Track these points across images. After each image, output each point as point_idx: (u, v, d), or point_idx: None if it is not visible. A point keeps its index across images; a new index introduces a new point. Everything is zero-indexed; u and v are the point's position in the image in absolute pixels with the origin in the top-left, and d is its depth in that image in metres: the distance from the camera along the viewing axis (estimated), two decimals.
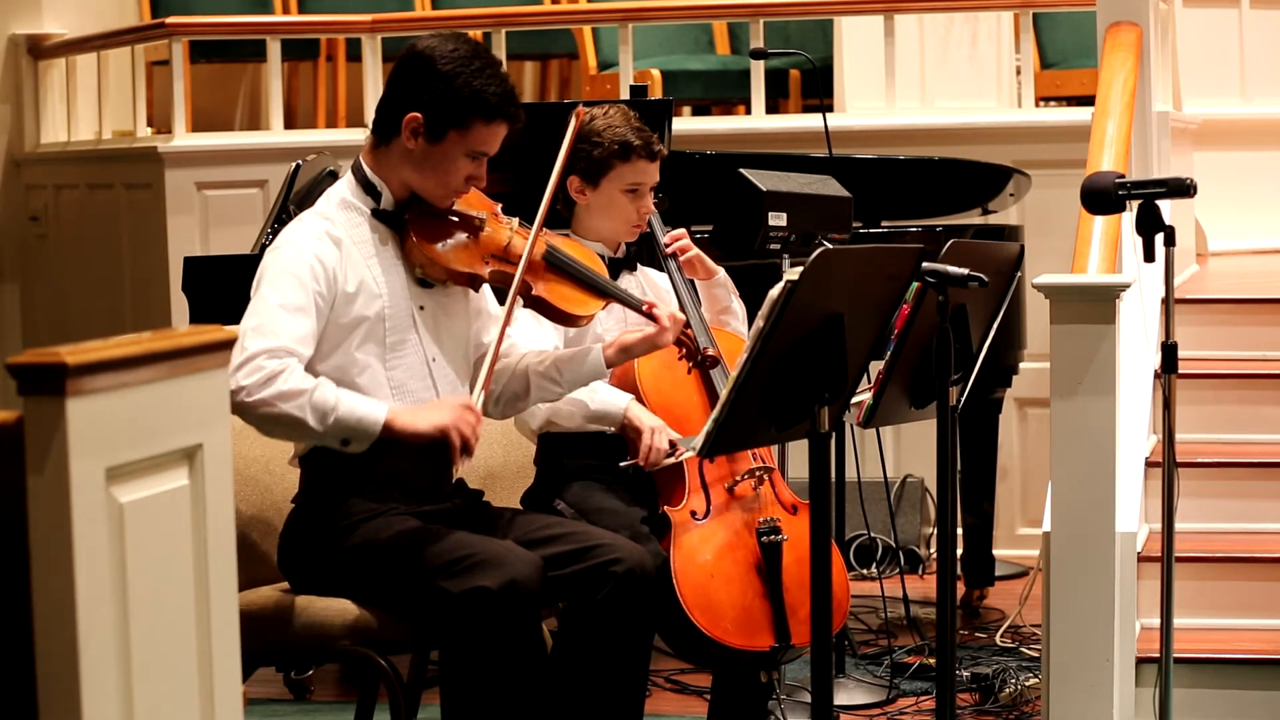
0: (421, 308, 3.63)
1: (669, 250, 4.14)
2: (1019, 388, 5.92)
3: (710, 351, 3.80)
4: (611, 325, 3.98)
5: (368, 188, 3.62)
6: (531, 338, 3.86)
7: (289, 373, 3.40)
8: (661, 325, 3.69)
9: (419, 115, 3.56)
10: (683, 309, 4.02)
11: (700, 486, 3.91)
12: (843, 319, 3.28)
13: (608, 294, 3.72)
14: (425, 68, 3.58)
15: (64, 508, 2.15)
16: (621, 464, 3.90)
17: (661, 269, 4.18)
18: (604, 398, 3.92)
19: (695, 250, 4.15)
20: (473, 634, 3.39)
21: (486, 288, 3.75)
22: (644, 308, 3.73)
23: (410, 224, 3.60)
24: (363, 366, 3.55)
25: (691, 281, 4.19)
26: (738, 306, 4.24)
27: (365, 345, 3.54)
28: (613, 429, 3.94)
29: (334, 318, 3.52)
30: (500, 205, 3.73)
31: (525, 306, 3.68)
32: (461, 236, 3.63)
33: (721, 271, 4.22)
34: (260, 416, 3.39)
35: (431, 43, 3.61)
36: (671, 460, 3.88)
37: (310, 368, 3.50)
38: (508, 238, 3.66)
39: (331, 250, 3.54)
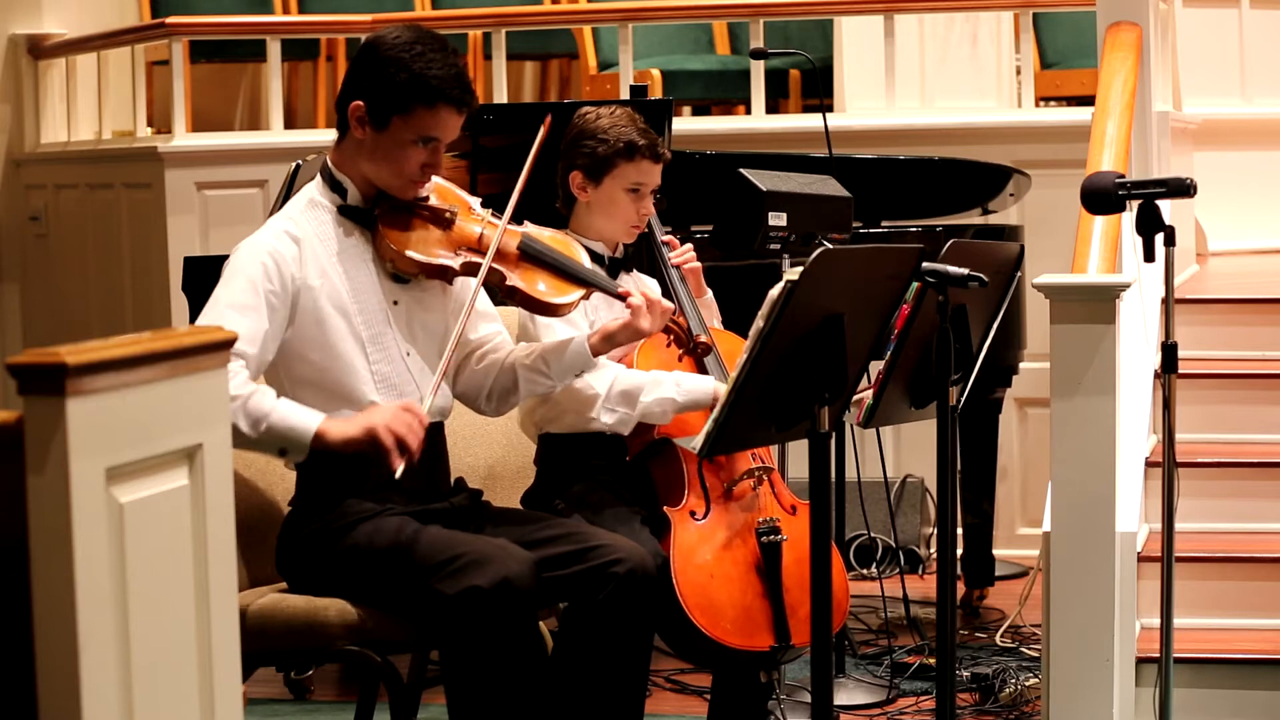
0: (395, 303, 3.62)
1: (675, 261, 4.13)
2: (1019, 388, 5.92)
3: (702, 339, 3.79)
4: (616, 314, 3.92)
5: (333, 185, 3.62)
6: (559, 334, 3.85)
7: (229, 377, 3.37)
8: (636, 310, 3.67)
9: (361, 103, 3.55)
10: (676, 301, 4.02)
11: (700, 487, 3.91)
12: (843, 319, 3.28)
13: (587, 282, 3.69)
14: (370, 56, 3.57)
15: (64, 508, 2.15)
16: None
17: (654, 273, 4.17)
18: (689, 386, 3.87)
19: (697, 264, 4.15)
20: (469, 634, 3.39)
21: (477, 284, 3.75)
22: (619, 293, 3.70)
23: (380, 219, 3.59)
24: (345, 363, 3.55)
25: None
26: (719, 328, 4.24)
27: (343, 341, 3.54)
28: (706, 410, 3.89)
29: (300, 315, 3.51)
30: (480, 200, 3.72)
31: (502, 298, 3.66)
32: (432, 229, 3.61)
33: (709, 293, 4.22)
34: None
35: (381, 31, 3.61)
36: (690, 445, 3.80)
37: (291, 369, 3.50)
38: (479, 230, 3.63)
39: (289, 247, 3.52)
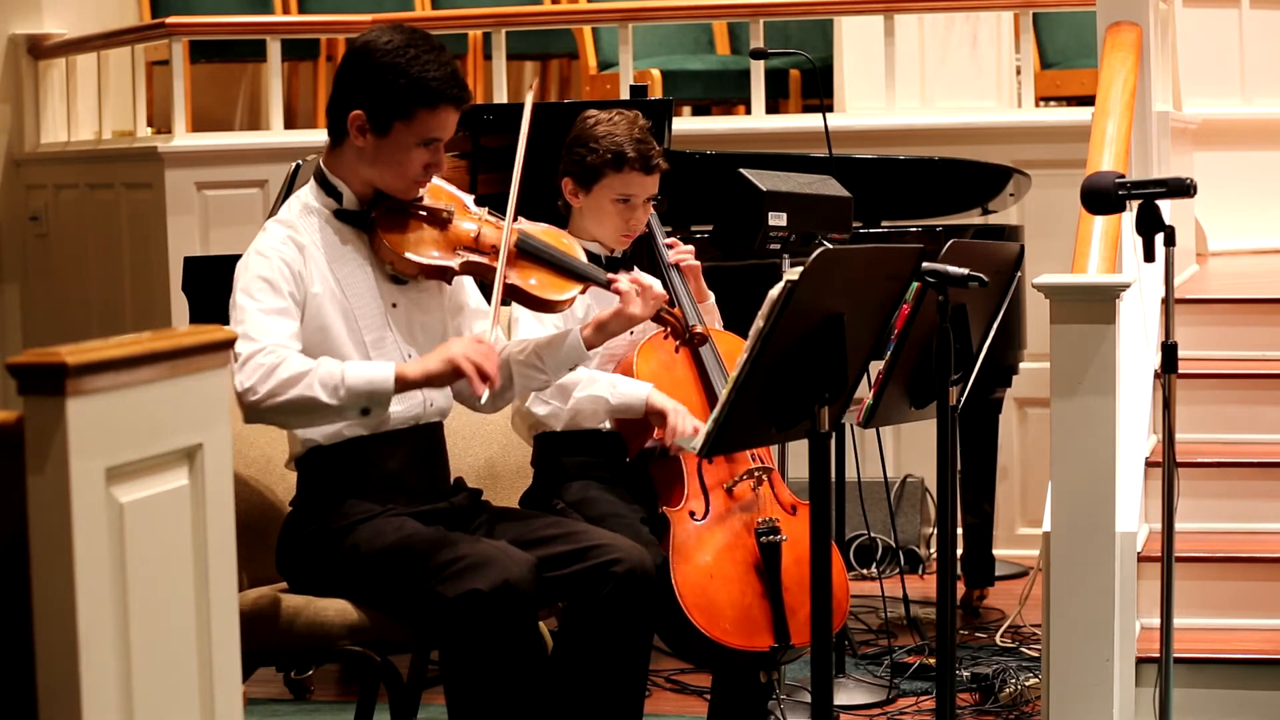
0: (394, 305, 3.62)
1: (673, 261, 4.14)
2: (1019, 388, 5.92)
3: (698, 329, 3.78)
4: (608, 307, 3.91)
5: (329, 190, 3.61)
6: (531, 330, 3.85)
7: (288, 361, 3.40)
8: (626, 296, 3.67)
9: (361, 112, 3.54)
10: (674, 295, 4.01)
11: (699, 487, 3.91)
12: (843, 319, 3.28)
13: (585, 277, 3.68)
14: (363, 63, 3.55)
15: (64, 508, 2.15)
16: (647, 444, 3.89)
17: (655, 272, 4.17)
18: (624, 390, 3.90)
19: (696, 263, 4.16)
20: (468, 637, 3.39)
21: (470, 283, 3.74)
22: (606, 279, 3.68)
23: (377, 221, 3.58)
24: None
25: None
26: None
27: (345, 348, 3.53)
28: (637, 417, 3.91)
29: (307, 320, 3.52)
30: (474, 197, 3.72)
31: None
32: (429, 230, 3.61)
33: (711, 297, 4.22)
34: (274, 409, 3.38)
35: (369, 36, 3.59)
36: (690, 445, 3.83)
37: None
38: (477, 229, 3.63)
39: (295, 254, 3.53)
